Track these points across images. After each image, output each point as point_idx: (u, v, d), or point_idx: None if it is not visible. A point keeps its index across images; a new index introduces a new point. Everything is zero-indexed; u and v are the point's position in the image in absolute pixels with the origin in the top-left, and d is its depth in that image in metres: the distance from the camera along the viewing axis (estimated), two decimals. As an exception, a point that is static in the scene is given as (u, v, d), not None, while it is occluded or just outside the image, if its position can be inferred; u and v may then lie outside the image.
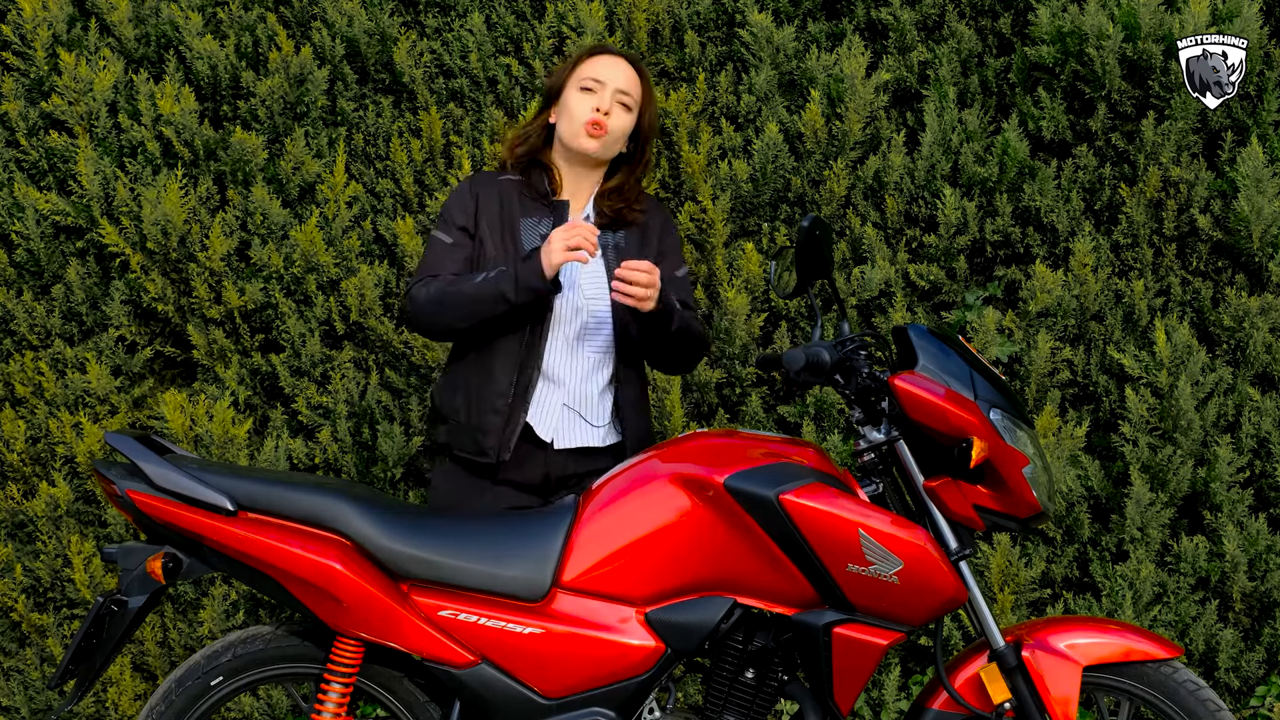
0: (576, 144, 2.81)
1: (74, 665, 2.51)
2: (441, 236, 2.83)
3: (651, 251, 2.87)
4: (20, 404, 3.87)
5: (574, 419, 2.78)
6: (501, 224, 2.81)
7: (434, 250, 2.82)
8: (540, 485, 2.77)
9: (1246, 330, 3.67)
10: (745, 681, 2.51)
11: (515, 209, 2.83)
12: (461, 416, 2.78)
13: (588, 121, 2.79)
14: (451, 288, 2.72)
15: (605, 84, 2.81)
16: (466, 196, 2.85)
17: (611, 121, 2.80)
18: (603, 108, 2.80)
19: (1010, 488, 2.44)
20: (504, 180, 2.87)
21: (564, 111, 2.83)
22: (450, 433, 2.80)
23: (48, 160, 3.88)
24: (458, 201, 2.85)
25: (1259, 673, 3.69)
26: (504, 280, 2.67)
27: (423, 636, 2.44)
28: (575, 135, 2.80)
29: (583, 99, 2.81)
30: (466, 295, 2.70)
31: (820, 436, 3.73)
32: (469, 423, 2.76)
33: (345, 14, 3.91)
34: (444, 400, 2.83)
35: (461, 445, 2.78)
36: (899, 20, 3.86)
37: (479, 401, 2.76)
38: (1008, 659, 2.46)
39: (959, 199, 3.77)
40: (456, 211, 2.84)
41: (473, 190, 2.86)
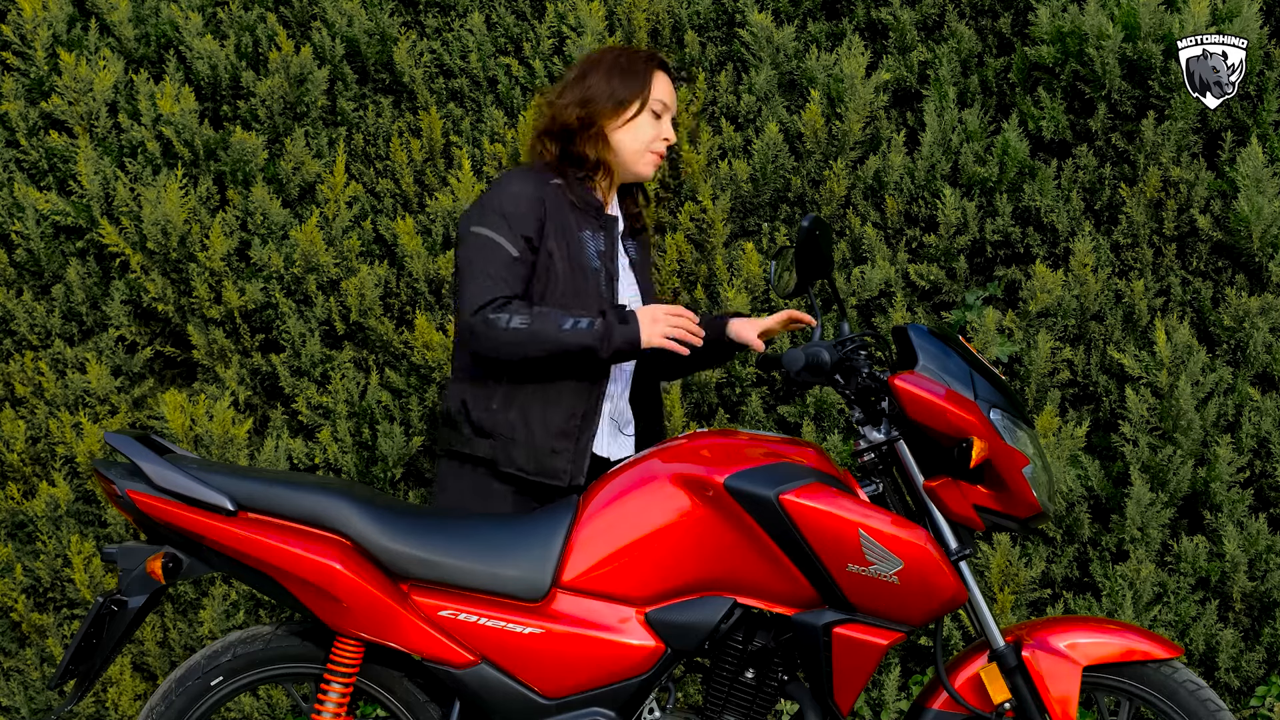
0: (637, 167, 2.78)
1: (74, 665, 2.51)
2: (505, 245, 2.62)
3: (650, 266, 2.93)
4: (20, 404, 3.87)
5: (615, 431, 2.78)
6: (566, 234, 2.68)
7: (496, 261, 2.61)
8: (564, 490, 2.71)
9: (1246, 330, 3.67)
10: (745, 681, 2.51)
11: (572, 219, 2.70)
12: (521, 435, 2.65)
13: (655, 151, 2.78)
14: (538, 326, 2.56)
15: (669, 109, 2.80)
16: (532, 201, 2.66)
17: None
18: (670, 138, 2.80)
19: (1010, 488, 2.44)
20: (555, 184, 2.71)
21: (631, 132, 2.75)
22: (499, 449, 2.67)
23: (48, 160, 3.88)
24: (527, 205, 2.65)
25: (1259, 673, 3.69)
26: (596, 336, 2.56)
27: (423, 636, 2.45)
28: (640, 158, 2.77)
29: (651, 124, 2.77)
30: (555, 341, 2.56)
31: (820, 436, 3.74)
32: (533, 444, 2.65)
33: (345, 14, 3.91)
34: (488, 415, 2.67)
35: (516, 463, 2.66)
36: (899, 20, 3.86)
37: (544, 423, 2.65)
38: (1008, 659, 2.47)
39: (959, 199, 3.77)
40: (523, 218, 2.64)
41: (535, 192, 2.67)
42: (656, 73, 2.79)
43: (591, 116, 2.73)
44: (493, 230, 2.63)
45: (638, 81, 2.76)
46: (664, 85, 2.80)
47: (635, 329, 2.59)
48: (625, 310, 2.63)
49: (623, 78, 2.76)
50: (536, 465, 2.66)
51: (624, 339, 2.58)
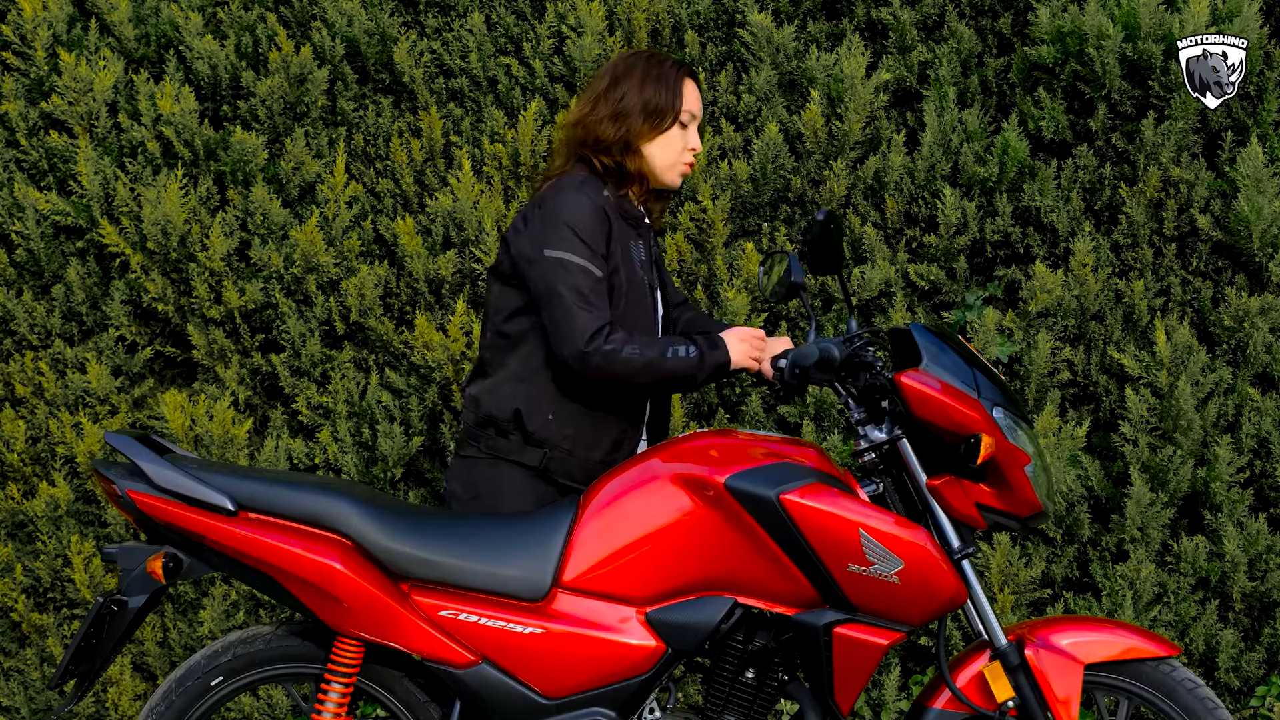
0: (667, 178, 2.78)
1: (74, 665, 2.51)
2: (589, 268, 2.60)
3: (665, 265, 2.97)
4: (20, 404, 3.87)
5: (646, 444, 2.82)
6: (623, 251, 2.70)
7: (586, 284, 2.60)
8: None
9: (1246, 330, 3.67)
10: (745, 681, 2.51)
11: (624, 232, 2.72)
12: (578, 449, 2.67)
13: (684, 161, 2.79)
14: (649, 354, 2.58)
15: (696, 118, 2.81)
16: (602, 220, 2.65)
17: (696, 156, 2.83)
18: (698, 148, 2.81)
19: (1012, 486, 2.44)
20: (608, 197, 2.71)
21: (662, 144, 2.75)
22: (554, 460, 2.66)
23: (48, 160, 3.88)
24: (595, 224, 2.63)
25: (1259, 673, 3.70)
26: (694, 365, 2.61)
27: (423, 636, 2.45)
28: (671, 169, 2.77)
29: (681, 135, 2.78)
30: (665, 370, 2.59)
31: (820, 436, 3.74)
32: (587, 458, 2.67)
33: (345, 14, 3.91)
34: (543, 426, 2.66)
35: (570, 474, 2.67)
36: (899, 20, 3.86)
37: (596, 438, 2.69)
38: (1011, 657, 2.47)
39: (959, 199, 3.77)
40: (598, 236, 2.63)
41: (601, 210, 2.65)
42: (687, 82, 2.80)
43: (627, 132, 2.72)
44: (573, 253, 2.61)
45: (670, 93, 2.75)
46: (693, 94, 2.82)
47: (725, 354, 2.64)
48: (714, 336, 2.68)
49: (655, 89, 2.75)
50: (587, 476, 2.66)
51: (715, 364, 2.64)
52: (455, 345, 3.71)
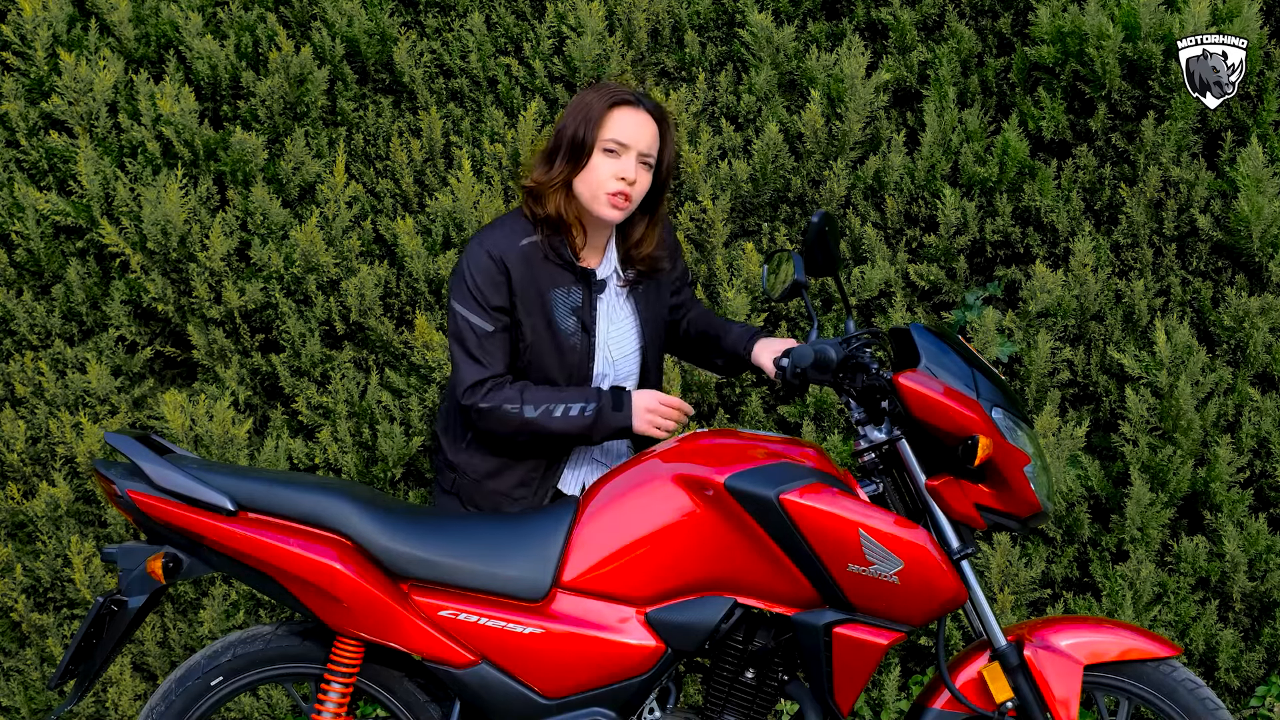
0: (597, 209, 2.65)
1: (74, 665, 2.51)
2: (479, 324, 2.63)
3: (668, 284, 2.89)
4: (20, 404, 3.87)
5: (598, 469, 2.82)
6: (535, 301, 2.66)
7: (472, 339, 2.63)
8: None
9: (1246, 330, 3.67)
10: (745, 681, 2.51)
11: (543, 280, 2.67)
12: (481, 477, 2.73)
13: (610, 194, 2.63)
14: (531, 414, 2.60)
15: (630, 148, 2.63)
16: (496, 273, 2.64)
17: (636, 188, 2.66)
18: (628, 177, 2.63)
19: (1012, 486, 2.44)
20: (524, 246, 2.67)
21: (584, 174, 2.65)
22: (463, 487, 2.75)
23: (48, 160, 3.88)
24: (487, 277, 2.63)
25: (1259, 673, 3.70)
26: (587, 426, 2.62)
27: (423, 636, 2.45)
28: (596, 201, 2.64)
29: (605, 163, 2.63)
30: (549, 430, 2.61)
31: (820, 436, 3.74)
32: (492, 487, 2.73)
33: (345, 14, 3.91)
34: (456, 452, 2.75)
35: (476, 504, 2.74)
36: (899, 20, 3.86)
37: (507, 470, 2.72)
38: (1010, 658, 2.47)
39: (959, 199, 3.77)
40: (490, 291, 2.63)
41: (499, 261, 2.64)
42: (614, 110, 2.65)
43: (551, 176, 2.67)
44: (463, 306, 2.65)
45: (589, 125, 2.64)
46: (623, 121, 2.65)
47: (627, 417, 2.64)
48: (622, 394, 2.66)
49: (579, 123, 2.65)
50: (492, 507, 2.73)
51: (615, 426, 2.65)
52: (455, 345, 3.71)
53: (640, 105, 2.68)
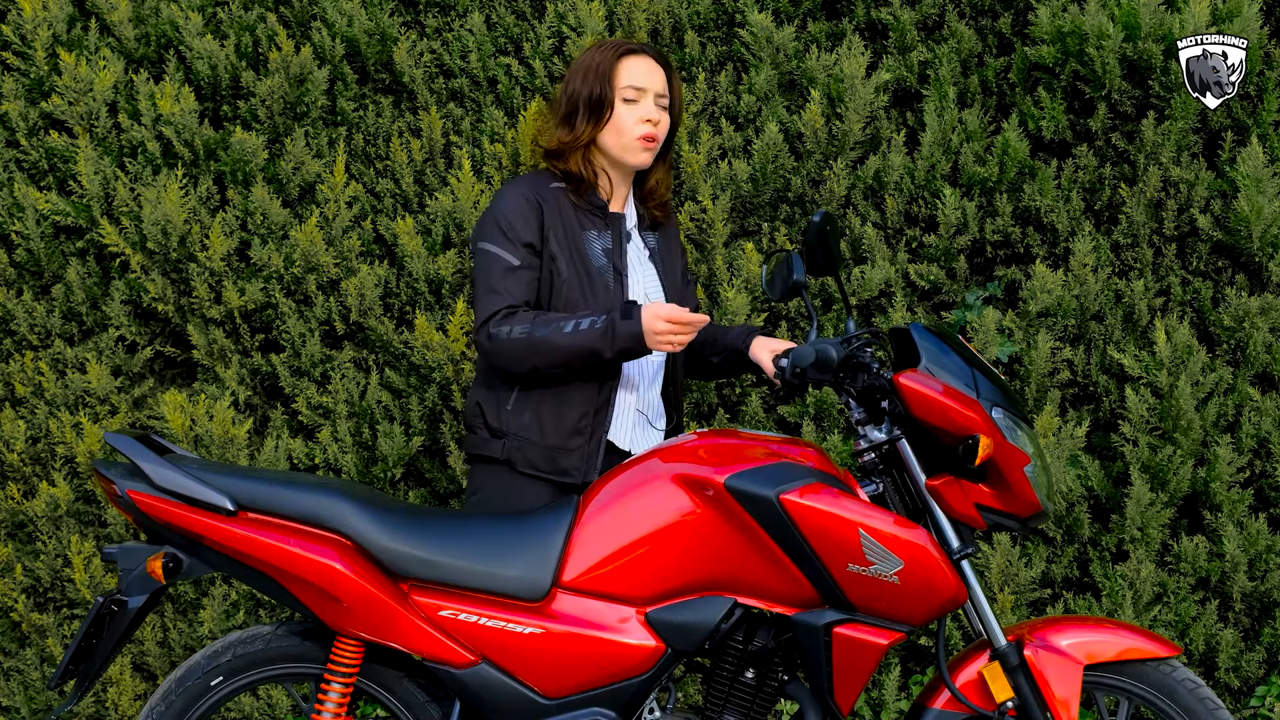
0: (630, 158, 2.77)
1: (74, 665, 2.51)
2: (505, 256, 2.67)
3: (678, 253, 2.95)
4: (20, 404, 3.87)
5: (644, 423, 2.81)
6: (568, 238, 2.72)
7: (497, 272, 2.66)
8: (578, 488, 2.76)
9: (1246, 330, 3.67)
10: (745, 681, 2.51)
11: (574, 221, 2.74)
12: (533, 435, 2.71)
13: (641, 136, 2.76)
14: (542, 332, 2.60)
15: (646, 91, 2.78)
16: (528, 207, 2.70)
17: (659, 129, 2.79)
18: (653, 118, 2.77)
19: (1012, 486, 2.44)
20: (555, 188, 2.77)
21: (611, 125, 2.77)
22: (514, 449, 2.72)
23: (48, 160, 3.88)
24: (519, 212, 2.69)
25: (1259, 673, 3.70)
26: (598, 337, 2.59)
27: (423, 636, 2.45)
28: (628, 149, 2.77)
29: (629, 111, 2.76)
30: (559, 346, 2.60)
31: (820, 436, 3.74)
32: (545, 443, 2.71)
33: (345, 14, 3.91)
34: (503, 417, 2.73)
35: (533, 464, 2.72)
36: (899, 20, 3.86)
37: (557, 422, 2.71)
38: (1010, 658, 2.47)
39: (959, 199, 3.77)
40: (520, 225, 2.68)
41: (534, 199, 2.72)
42: (622, 61, 2.79)
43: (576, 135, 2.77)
44: (491, 243, 2.69)
45: (603, 80, 2.76)
46: (634, 69, 2.78)
47: (637, 324, 2.59)
48: (631, 305, 2.63)
49: (592, 82, 2.77)
50: (550, 464, 2.71)
51: (628, 334, 2.59)
52: (455, 345, 3.71)
53: (645, 52, 2.82)
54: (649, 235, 2.90)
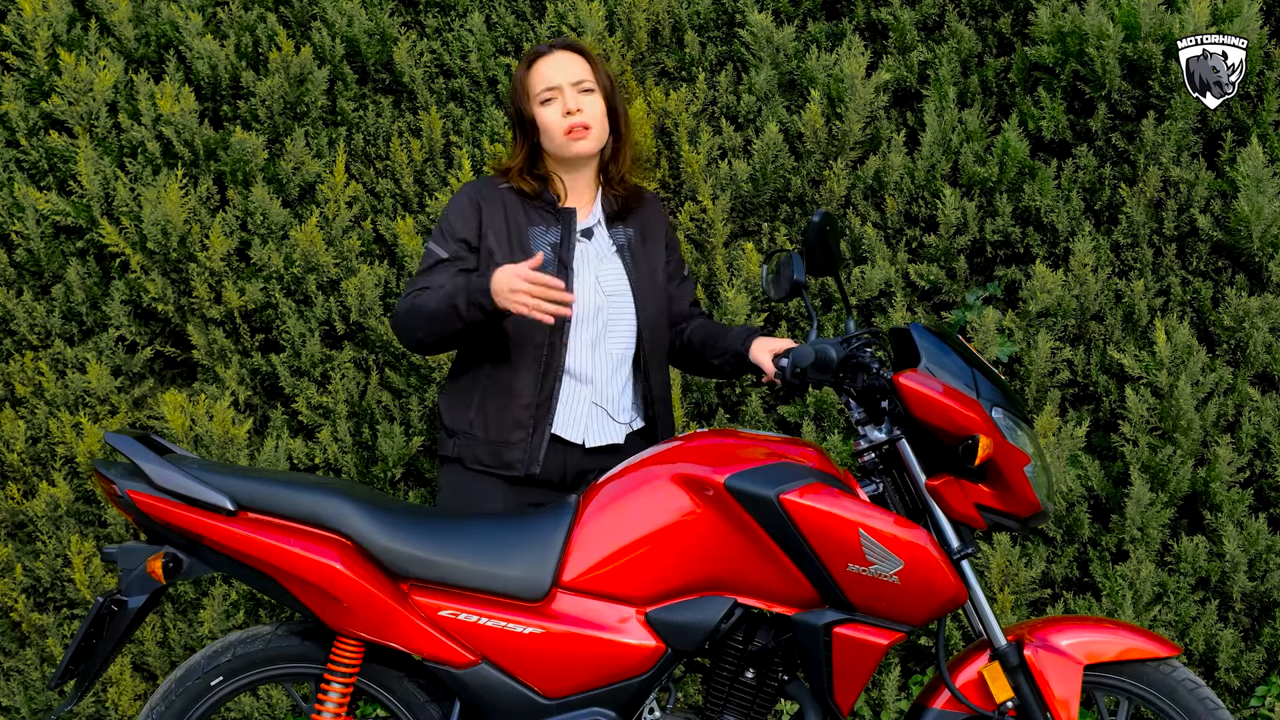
0: (570, 152, 2.79)
1: (74, 665, 2.51)
2: (436, 250, 2.77)
3: (659, 247, 2.92)
4: (20, 404, 3.87)
5: (602, 417, 2.80)
6: (509, 234, 2.76)
7: (425, 265, 2.78)
8: (558, 483, 2.78)
9: (1246, 330, 3.67)
10: (745, 681, 2.51)
11: (522, 217, 2.79)
12: (478, 431, 2.75)
13: (564, 130, 2.77)
14: (418, 301, 2.68)
15: (560, 86, 2.78)
16: (469, 206, 2.79)
17: (586, 113, 2.78)
18: (571, 108, 2.77)
19: (1012, 486, 2.44)
20: (506, 189, 2.83)
21: (542, 132, 2.80)
22: (463, 447, 2.77)
23: (48, 160, 3.88)
24: (458, 211, 2.79)
25: (1259, 673, 3.70)
26: (457, 292, 2.62)
27: (423, 636, 2.44)
28: (563, 147, 2.79)
29: (549, 111, 2.78)
30: (429, 310, 2.66)
31: (820, 436, 3.74)
32: (488, 437, 2.74)
33: (345, 14, 3.91)
34: (452, 414, 2.80)
35: (479, 460, 2.75)
36: (899, 20, 3.86)
37: (500, 415, 2.73)
38: (1010, 658, 2.47)
39: (959, 199, 3.77)
40: (458, 222, 2.78)
41: (475, 199, 2.80)
42: (531, 70, 2.83)
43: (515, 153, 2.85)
44: (432, 241, 2.80)
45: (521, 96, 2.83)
46: (541, 72, 2.81)
47: (488, 281, 2.57)
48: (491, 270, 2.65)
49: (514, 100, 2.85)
50: (494, 458, 2.74)
51: (478, 289, 2.58)
52: (455, 345, 3.71)
53: (552, 49, 2.84)
54: (620, 230, 2.87)
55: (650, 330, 2.84)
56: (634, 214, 2.91)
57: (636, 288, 2.84)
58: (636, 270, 2.85)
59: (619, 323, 2.81)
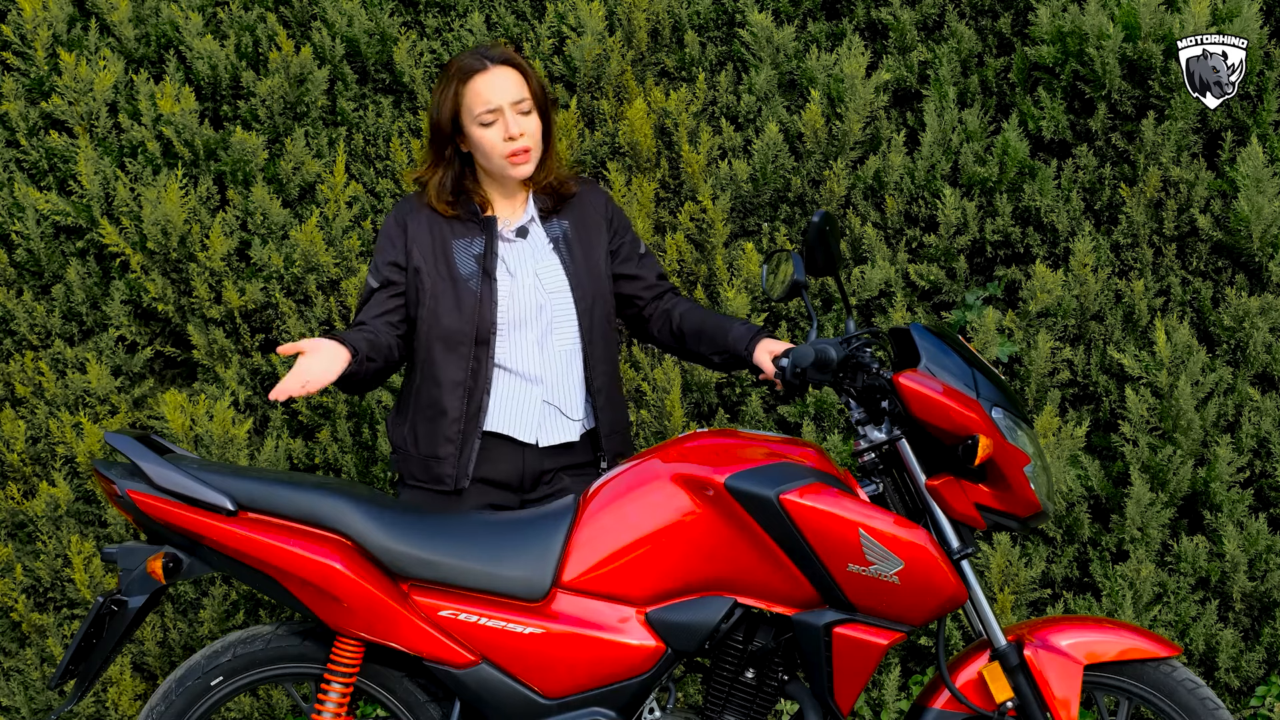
0: (510, 175, 2.76)
1: (74, 665, 2.51)
2: (370, 281, 2.79)
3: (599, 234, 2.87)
4: (20, 404, 3.87)
5: (554, 415, 2.79)
6: (434, 249, 2.77)
7: (363, 297, 2.80)
8: (516, 484, 2.78)
9: (1246, 330, 3.67)
10: (745, 681, 2.51)
11: (446, 231, 2.78)
12: (411, 447, 2.77)
13: (506, 154, 2.73)
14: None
15: (500, 108, 2.71)
16: (395, 228, 2.80)
17: (527, 136, 2.73)
18: (513, 133, 2.71)
19: (1012, 486, 2.44)
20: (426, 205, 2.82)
21: (477, 150, 2.76)
22: (400, 463, 2.81)
23: (48, 160, 3.88)
24: (386, 236, 2.80)
25: (1259, 673, 3.70)
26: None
27: (423, 636, 2.45)
28: (503, 169, 2.75)
29: (490, 134, 2.72)
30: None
31: (820, 436, 3.74)
32: (420, 453, 2.76)
33: (345, 14, 3.91)
34: (393, 430, 2.84)
35: (414, 475, 2.77)
36: (899, 20, 3.86)
37: (431, 432, 2.74)
38: (1010, 658, 2.47)
39: (959, 199, 3.77)
40: (385, 247, 2.79)
41: (399, 220, 2.80)
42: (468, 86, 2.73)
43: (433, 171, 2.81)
44: (369, 271, 2.82)
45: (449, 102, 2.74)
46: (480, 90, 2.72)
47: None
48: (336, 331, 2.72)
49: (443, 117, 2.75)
50: (426, 473, 2.76)
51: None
52: (455, 345, 3.71)
53: (488, 65, 2.74)
54: (555, 223, 2.84)
55: (588, 320, 2.81)
56: (568, 204, 2.87)
57: (573, 279, 2.81)
58: (573, 261, 2.82)
59: (563, 319, 2.80)
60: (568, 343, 2.80)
